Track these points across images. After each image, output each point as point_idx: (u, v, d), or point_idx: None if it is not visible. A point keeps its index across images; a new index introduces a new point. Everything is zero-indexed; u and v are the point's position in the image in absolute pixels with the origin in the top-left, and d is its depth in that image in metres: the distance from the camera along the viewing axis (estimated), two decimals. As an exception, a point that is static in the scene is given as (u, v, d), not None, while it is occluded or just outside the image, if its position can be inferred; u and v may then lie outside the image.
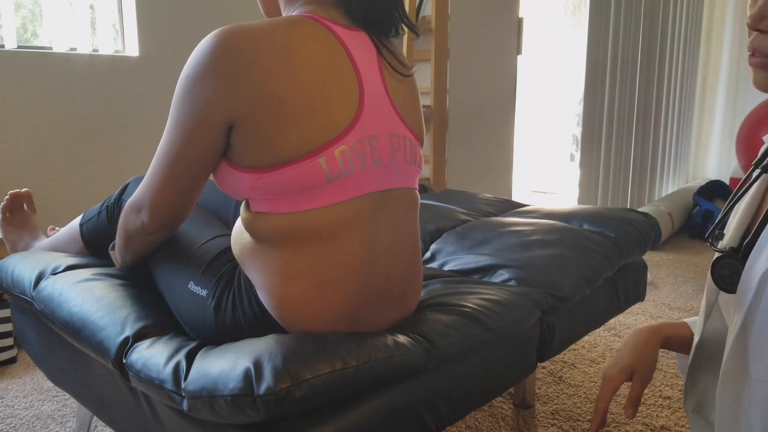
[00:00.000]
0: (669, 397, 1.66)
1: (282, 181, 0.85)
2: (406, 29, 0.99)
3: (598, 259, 1.38)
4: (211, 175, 0.94)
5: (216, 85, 0.84)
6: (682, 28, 4.09)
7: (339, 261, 0.89)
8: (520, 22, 3.54)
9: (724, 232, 0.81)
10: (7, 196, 1.43)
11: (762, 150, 0.81)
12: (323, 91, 0.85)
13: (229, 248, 0.99)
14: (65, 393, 1.63)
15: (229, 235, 1.02)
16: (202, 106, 0.85)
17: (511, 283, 1.24)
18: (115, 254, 1.10)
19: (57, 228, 1.46)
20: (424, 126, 1.02)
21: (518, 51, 3.57)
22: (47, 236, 1.44)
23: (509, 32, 3.48)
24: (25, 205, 1.45)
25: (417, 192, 1.01)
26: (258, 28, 0.85)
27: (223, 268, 0.96)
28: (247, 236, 0.92)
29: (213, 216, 1.15)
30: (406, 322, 0.99)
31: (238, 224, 0.96)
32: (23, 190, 1.45)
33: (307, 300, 0.89)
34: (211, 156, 0.89)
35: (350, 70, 0.89)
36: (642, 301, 1.61)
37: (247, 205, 0.92)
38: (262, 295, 0.90)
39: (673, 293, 2.58)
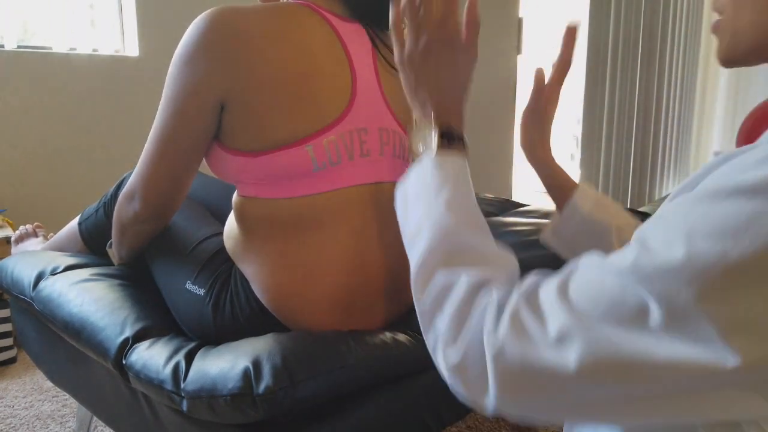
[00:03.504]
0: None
1: (269, 166, 0.85)
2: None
3: (598, 258, 1.37)
4: (204, 159, 0.94)
5: (208, 63, 0.84)
6: (682, 27, 4.08)
7: (327, 250, 0.89)
8: (520, 21, 3.54)
9: None
10: (18, 231, 1.55)
11: None
12: (315, 81, 0.85)
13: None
14: (65, 393, 1.63)
15: (226, 233, 1.02)
16: (194, 84, 0.85)
17: (511, 282, 1.23)
18: (113, 252, 1.11)
19: (53, 234, 1.48)
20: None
21: (518, 50, 3.57)
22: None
23: (509, 32, 3.48)
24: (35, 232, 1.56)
25: None
26: (252, 11, 0.85)
27: (220, 267, 0.96)
28: (237, 229, 0.92)
29: (210, 214, 1.15)
30: (405, 319, 0.99)
31: (230, 218, 0.96)
32: (34, 224, 1.56)
33: (298, 289, 0.89)
34: (202, 135, 0.88)
35: (344, 61, 0.89)
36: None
37: (237, 190, 0.93)
38: (256, 287, 0.91)
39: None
